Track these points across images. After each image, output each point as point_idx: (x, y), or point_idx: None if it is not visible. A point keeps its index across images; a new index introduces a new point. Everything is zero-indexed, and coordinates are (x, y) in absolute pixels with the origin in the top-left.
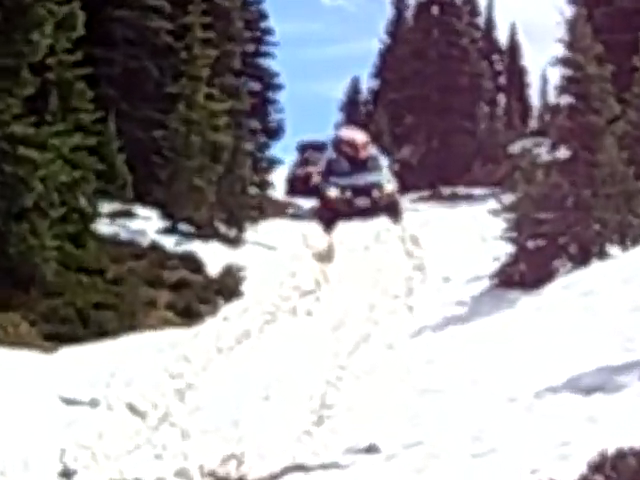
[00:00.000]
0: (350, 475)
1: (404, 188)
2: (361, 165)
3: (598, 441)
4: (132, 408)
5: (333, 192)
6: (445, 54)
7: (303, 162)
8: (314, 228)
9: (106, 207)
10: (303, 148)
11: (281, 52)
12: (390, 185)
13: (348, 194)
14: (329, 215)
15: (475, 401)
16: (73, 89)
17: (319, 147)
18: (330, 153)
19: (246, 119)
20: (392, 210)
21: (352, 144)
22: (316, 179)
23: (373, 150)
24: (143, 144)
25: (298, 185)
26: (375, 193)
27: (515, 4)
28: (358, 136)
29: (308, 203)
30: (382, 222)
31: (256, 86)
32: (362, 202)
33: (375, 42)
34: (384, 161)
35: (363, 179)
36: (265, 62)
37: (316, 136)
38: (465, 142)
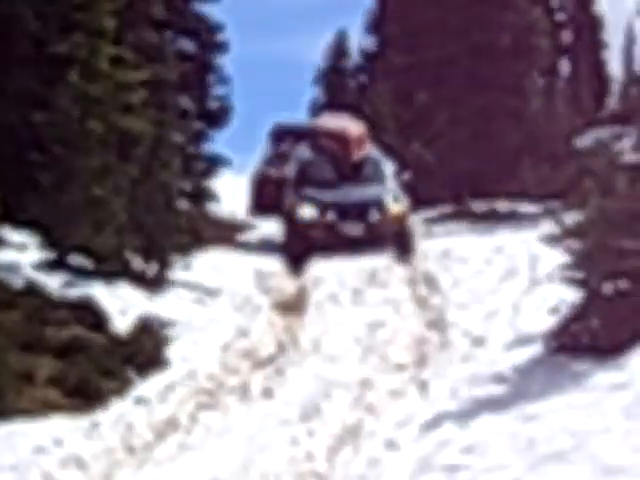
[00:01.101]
0: None
1: (416, 202)
2: (353, 171)
3: None
4: None
5: (308, 212)
6: None
7: (278, 158)
8: (276, 264)
9: None
10: (278, 136)
11: None
12: (397, 204)
13: (331, 216)
14: (300, 248)
15: None
16: None
17: (304, 135)
18: (305, 152)
19: (174, 95)
20: (399, 242)
21: (340, 138)
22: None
23: (372, 149)
24: (15, 134)
25: (268, 195)
26: (373, 216)
27: None
28: (349, 126)
29: (272, 225)
30: (382, 259)
31: (189, 45)
32: (353, 229)
33: None
34: (389, 166)
35: (355, 193)
36: (203, 8)
37: (297, 119)
38: (508, 132)
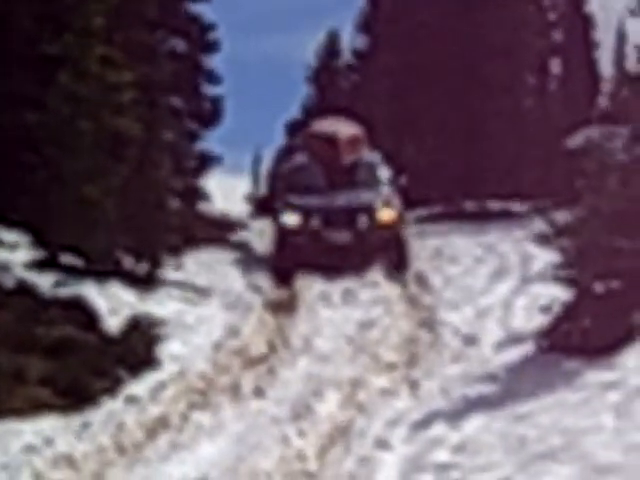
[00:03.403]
0: None
1: (408, 202)
2: (344, 176)
3: None
4: None
5: (291, 219)
6: None
7: (289, 152)
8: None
9: None
10: (293, 129)
11: None
12: (389, 210)
13: (316, 223)
14: (285, 259)
15: None
16: None
17: None
18: (300, 155)
19: (165, 95)
20: (392, 252)
21: (331, 141)
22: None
23: (367, 153)
24: (7, 133)
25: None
26: (362, 222)
27: None
28: (341, 129)
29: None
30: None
31: (180, 45)
32: (339, 237)
33: None
34: (384, 170)
35: (344, 199)
36: (195, 8)
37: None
38: (500, 132)
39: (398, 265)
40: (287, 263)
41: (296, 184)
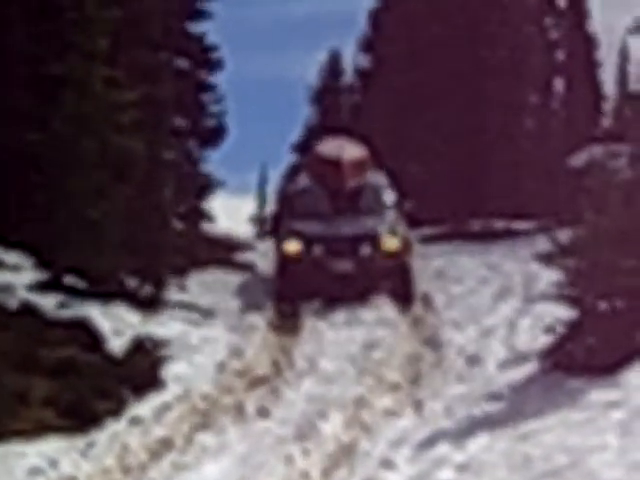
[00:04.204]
0: None
1: (412, 222)
2: (349, 201)
3: None
4: None
5: (293, 247)
6: (474, 16)
7: (297, 172)
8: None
9: None
10: (303, 148)
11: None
12: (394, 238)
13: (318, 251)
14: (287, 288)
15: None
16: None
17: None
18: (304, 179)
19: (169, 114)
20: (396, 283)
21: (335, 164)
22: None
23: (371, 175)
24: (10, 153)
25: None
26: (365, 251)
27: None
28: (345, 152)
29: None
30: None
31: (183, 64)
32: (342, 265)
33: None
34: (389, 194)
35: (347, 226)
36: (197, 28)
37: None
38: (503, 151)
39: (402, 296)
40: (289, 292)
41: (299, 209)
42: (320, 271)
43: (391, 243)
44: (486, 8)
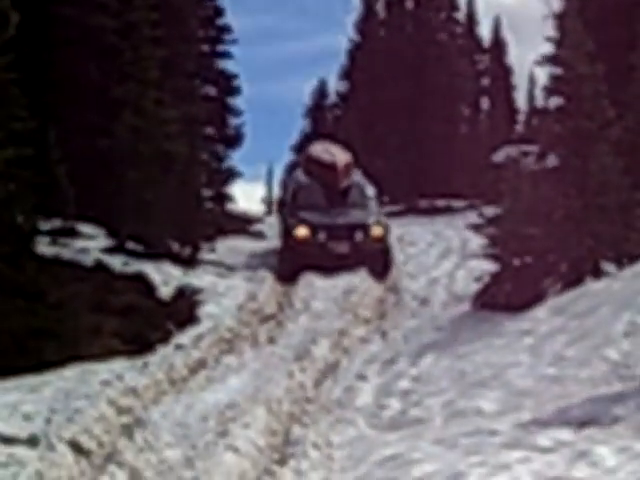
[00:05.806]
0: None
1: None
2: (341, 197)
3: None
4: (75, 446)
5: (302, 232)
6: (421, 52)
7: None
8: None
9: (46, 224)
10: (298, 150)
11: (236, 49)
12: (378, 226)
13: (322, 236)
14: (294, 264)
15: (455, 434)
16: (5, 95)
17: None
18: (301, 175)
19: (202, 126)
20: (379, 261)
21: (330, 167)
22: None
23: (357, 176)
24: (86, 155)
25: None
26: (358, 236)
27: None
28: (339, 156)
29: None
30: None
31: (212, 90)
32: (340, 247)
33: (342, 38)
34: (370, 190)
35: (343, 217)
36: (222, 63)
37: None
38: (443, 150)
39: (383, 269)
40: (296, 266)
41: (302, 201)
42: (324, 251)
43: (377, 230)
44: (429, 46)
